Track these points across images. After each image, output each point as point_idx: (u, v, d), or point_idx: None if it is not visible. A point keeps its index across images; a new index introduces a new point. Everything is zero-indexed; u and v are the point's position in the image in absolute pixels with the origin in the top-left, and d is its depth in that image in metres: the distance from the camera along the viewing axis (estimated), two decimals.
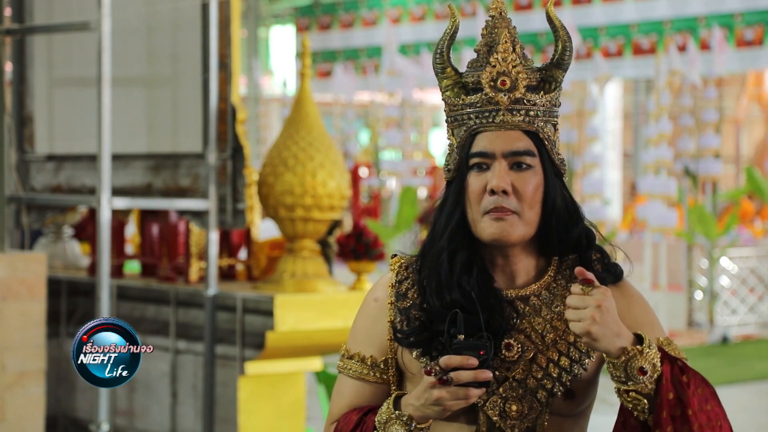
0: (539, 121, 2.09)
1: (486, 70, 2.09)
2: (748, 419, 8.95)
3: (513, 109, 2.08)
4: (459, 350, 1.94)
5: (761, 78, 19.90)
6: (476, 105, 2.09)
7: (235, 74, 5.10)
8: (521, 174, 2.06)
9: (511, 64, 2.08)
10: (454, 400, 1.95)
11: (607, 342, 1.96)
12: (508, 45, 2.09)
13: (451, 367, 1.94)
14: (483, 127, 2.08)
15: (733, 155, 19.96)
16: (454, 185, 2.11)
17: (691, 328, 12.99)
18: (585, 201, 11.10)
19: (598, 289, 1.97)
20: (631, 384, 1.98)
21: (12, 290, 4.78)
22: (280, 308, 4.88)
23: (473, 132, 2.09)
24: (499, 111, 2.08)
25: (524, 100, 2.08)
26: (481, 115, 2.09)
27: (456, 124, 2.12)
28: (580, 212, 2.13)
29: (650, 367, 1.98)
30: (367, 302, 2.19)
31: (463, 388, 1.94)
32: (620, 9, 14.81)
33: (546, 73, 2.12)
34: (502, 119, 2.07)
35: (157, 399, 5.41)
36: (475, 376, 1.93)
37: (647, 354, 1.98)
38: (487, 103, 2.08)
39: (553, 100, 2.11)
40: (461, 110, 2.11)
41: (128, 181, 5.41)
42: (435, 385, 1.95)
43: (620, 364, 1.97)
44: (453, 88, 2.13)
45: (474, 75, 2.11)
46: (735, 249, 13.02)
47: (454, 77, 2.13)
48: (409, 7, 17.28)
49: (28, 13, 5.85)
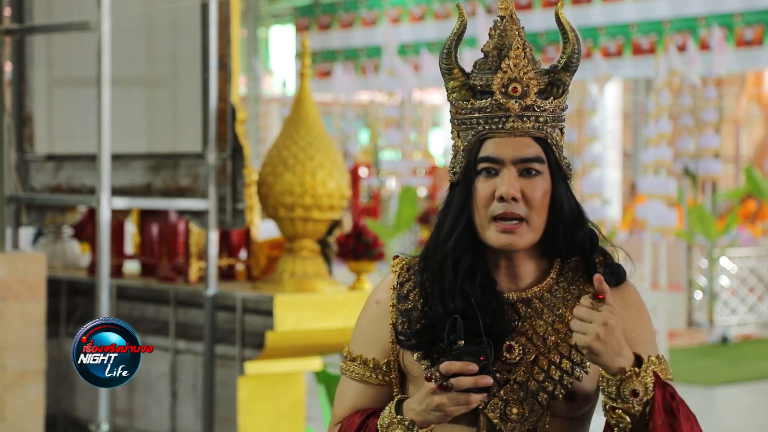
0: (548, 127, 2.08)
1: (497, 76, 2.07)
2: (748, 419, 8.95)
3: (523, 116, 2.07)
4: (459, 356, 1.94)
5: (761, 78, 19.89)
6: (486, 110, 2.08)
7: (234, 74, 5.10)
8: (530, 180, 2.06)
9: (523, 71, 2.07)
10: (455, 406, 1.95)
11: (606, 359, 1.97)
12: (520, 51, 2.08)
13: (451, 373, 1.93)
14: (492, 133, 2.07)
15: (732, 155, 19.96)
16: (460, 189, 2.10)
17: (690, 328, 13.00)
18: (585, 201, 11.09)
19: (608, 306, 1.97)
20: (619, 402, 1.99)
21: (12, 290, 4.78)
22: (279, 308, 4.88)
23: (482, 137, 2.08)
24: (509, 117, 2.06)
25: (534, 106, 2.07)
26: (491, 121, 2.07)
27: (463, 127, 2.11)
28: (584, 216, 2.13)
29: (642, 389, 1.98)
30: (369, 304, 2.18)
31: (463, 394, 1.94)
32: (620, 9, 14.80)
33: (554, 76, 2.10)
34: (513, 126, 2.06)
35: (156, 399, 5.41)
36: (476, 382, 1.93)
37: (643, 377, 1.99)
38: (498, 109, 2.07)
39: (561, 105, 2.11)
40: (469, 114, 2.09)
41: (128, 181, 5.41)
42: (435, 391, 1.95)
43: (614, 382, 1.98)
44: (460, 90, 2.11)
45: (483, 78, 2.09)
46: (734, 249, 13.03)
47: (462, 78, 2.11)
48: (409, 7, 17.27)
49: (27, 13, 5.85)
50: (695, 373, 10.29)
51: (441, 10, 16.67)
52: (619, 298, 2.12)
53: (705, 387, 9.83)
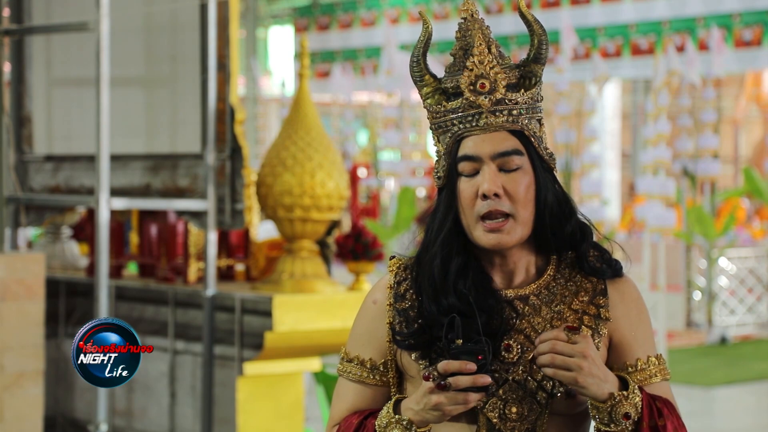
0: (523, 119, 2.08)
1: (464, 74, 2.08)
2: (748, 419, 8.96)
3: (495, 111, 2.07)
4: (457, 355, 1.94)
5: (760, 78, 19.90)
6: (458, 110, 2.08)
7: (233, 74, 5.10)
8: (511, 175, 2.06)
9: (488, 66, 2.08)
10: (453, 405, 1.95)
11: (595, 389, 1.97)
12: (483, 47, 2.09)
13: (449, 372, 1.93)
14: (467, 132, 2.08)
15: (731, 155, 19.98)
16: (445, 192, 2.11)
17: (689, 329, 13.00)
18: (584, 201, 11.10)
19: (582, 336, 1.97)
20: (613, 426, 2.00)
21: (10, 290, 4.78)
22: (278, 309, 4.88)
23: (458, 137, 2.09)
24: (481, 114, 2.07)
25: (506, 100, 2.07)
26: (465, 120, 2.08)
27: (441, 131, 2.12)
28: (572, 205, 2.13)
29: (633, 410, 2.00)
30: (366, 304, 2.18)
31: (462, 393, 1.93)
32: (619, 9, 14.80)
33: (525, 69, 2.11)
34: (486, 122, 2.07)
35: (155, 399, 5.41)
36: (474, 381, 1.93)
37: (631, 398, 2.00)
38: (469, 107, 2.07)
39: (534, 96, 2.10)
40: (444, 117, 2.10)
41: (127, 182, 5.41)
42: (434, 390, 1.95)
43: (605, 408, 1.99)
44: (434, 95, 2.13)
45: (453, 80, 2.10)
46: (733, 249, 13.03)
47: (434, 84, 2.13)
48: (408, 8, 17.27)
49: (26, 13, 5.85)
50: (694, 373, 10.29)
51: (440, 11, 16.67)
52: (618, 293, 2.12)
53: (704, 387, 9.83)
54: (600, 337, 2.09)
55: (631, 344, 2.11)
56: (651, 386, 2.09)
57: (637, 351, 2.11)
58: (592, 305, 2.11)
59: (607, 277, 2.12)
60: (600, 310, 2.11)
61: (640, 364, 2.11)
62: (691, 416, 8.58)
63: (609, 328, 2.11)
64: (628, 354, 2.11)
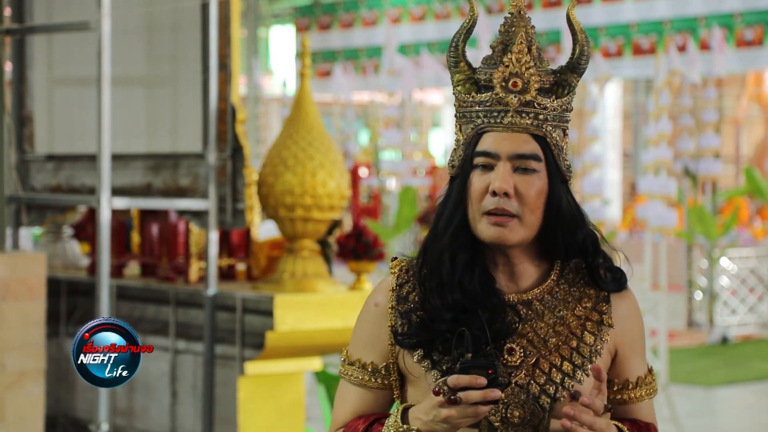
0: (548, 126, 2.07)
1: (498, 69, 2.07)
2: (748, 419, 8.95)
3: (522, 112, 2.05)
4: (467, 369, 1.92)
5: (761, 78, 19.90)
6: (485, 103, 2.07)
7: (234, 74, 5.09)
8: (525, 177, 2.05)
9: (525, 66, 2.06)
10: (463, 419, 1.94)
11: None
12: (524, 46, 2.07)
13: (459, 386, 1.91)
14: (490, 127, 2.06)
15: (732, 155, 19.97)
16: (458, 182, 2.09)
17: (690, 329, 12.99)
18: (585, 201, 11.08)
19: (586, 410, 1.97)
20: None
21: (12, 290, 4.78)
22: (279, 308, 4.88)
23: (480, 131, 2.07)
24: (507, 112, 2.05)
25: (534, 103, 2.06)
26: (489, 115, 2.07)
27: (464, 120, 2.10)
28: (585, 218, 2.12)
29: None
30: (368, 307, 2.17)
31: (472, 407, 1.92)
32: (620, 9, 14.79)
33: (560, 76, 2.09)
34: (511, 121, 2.05)
35: (156, 399, 5.41)
36: (485, 396, 1.91)
37: None
38: (497, 103, 2.06)
39: (564, 105, 2.09)
40: (470, 107, 2.09)
41: (128, 181, 5.41)
42: (443, 404, 1.93)
43: None
44: (465, 84, 2.11)
45: (486, 72, 2.09)
46: (735, 249, 13.03)
47: (467, 72, 2.11)
48: (409, 7, 17.26)
49: (27, 12, 5.84)
50: (695, 373, 10.29)
51: (441, 11, 16.66)
52: (624, 306, 2.13)
53: (705, 387, 9.83)
54: (603, 344, 2.09)
55: (634, 360, 2.13)
56: (640, 405, 2.15)
57: (638, 368, 2.14)
58: (595, 311, 2.11)
59: (612, 291, 2.12)
60: (603, 316, 2.11)
61: (640, 381, 2.15)
62: (692, 416, 8.58)
63: (615, 341, 2.11)
64: (629, 370, 2.14)
